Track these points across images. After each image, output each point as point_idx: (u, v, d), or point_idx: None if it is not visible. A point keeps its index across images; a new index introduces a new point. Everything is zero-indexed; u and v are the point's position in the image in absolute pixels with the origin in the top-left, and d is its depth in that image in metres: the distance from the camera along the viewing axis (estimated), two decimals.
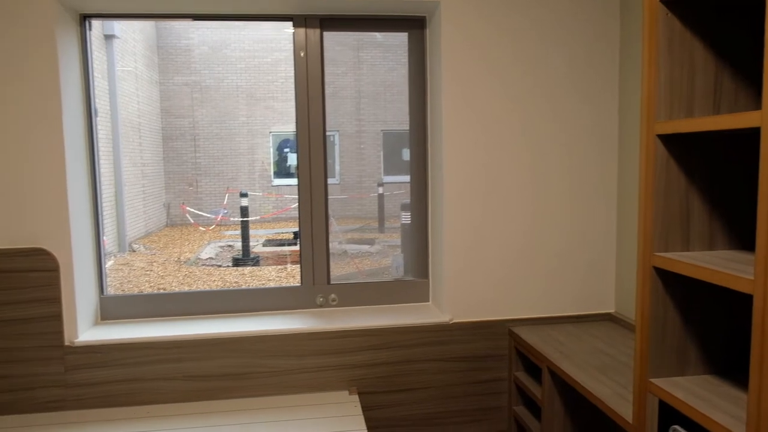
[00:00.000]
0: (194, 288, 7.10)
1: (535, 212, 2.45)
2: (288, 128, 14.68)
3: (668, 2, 1.44)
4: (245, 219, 9.18)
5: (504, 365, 2.48)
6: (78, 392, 2.24)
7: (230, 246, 10.43)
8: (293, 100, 14.57)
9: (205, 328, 2.33)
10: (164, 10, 2.34)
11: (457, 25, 2.32)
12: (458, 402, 2.46)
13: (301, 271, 2.56)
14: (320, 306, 2.57)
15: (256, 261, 8.88)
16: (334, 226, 11.15)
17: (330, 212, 2.58)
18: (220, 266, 8.66)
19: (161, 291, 2.72)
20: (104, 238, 2.41)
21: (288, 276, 7.82)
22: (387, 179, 14.33)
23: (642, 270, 1.52)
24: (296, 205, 14.45)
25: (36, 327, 2.20)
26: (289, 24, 2.46)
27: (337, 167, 13.82)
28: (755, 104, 1.47)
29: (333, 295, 2.57)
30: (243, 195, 9.47)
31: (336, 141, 13.98)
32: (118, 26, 10.24)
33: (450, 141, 2.36)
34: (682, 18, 1.44)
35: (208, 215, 13.20)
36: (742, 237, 1.52)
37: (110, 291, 2.11)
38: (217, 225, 12.93)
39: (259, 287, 2.56)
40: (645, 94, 1.48)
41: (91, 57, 2.40)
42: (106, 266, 2.45)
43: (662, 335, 1.51)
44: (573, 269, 2.50)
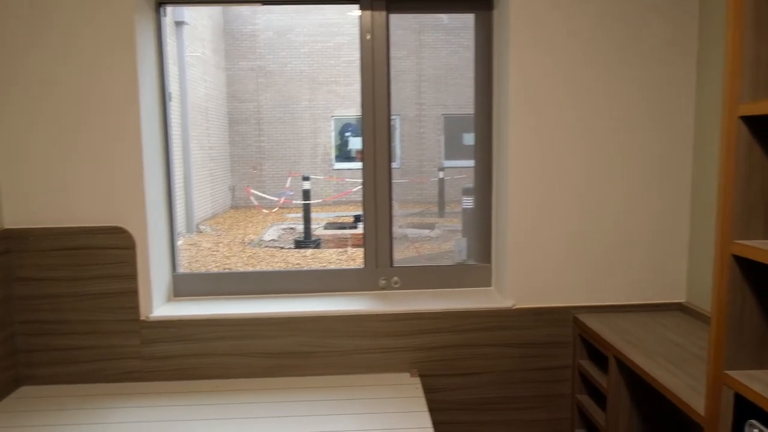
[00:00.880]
0: (251, 268, 7.29)
1: (602, 197, 2.39)
2: (350, 112, 14.78)
3: None
4: (307, 202, 9.33)
5: (567, 353, 2.44)
6: (153, 364, 2.35)
7: (292, 228, 10.64)
8: (355, 85, 14.63)
9: (272, 307, 2.40)
10: None
11: (525, 5, 2.28)
12: (518, 388, 2.45)
13: (365, 254, 2.59)
14: (383, 288, 2.59)
15: (317, 243, 9.02)
16: (396, 210, 11.19)
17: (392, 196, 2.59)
18: (283, 248, 8.85)
19: (229, 270, 2.80)
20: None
21: (348, 259, 7.91)
22: (447, 164, 14.24)
23: (720, 258, 1.46)
24: (357, 189, 14.53)
25: (115, 301, 2.31)
26: (355, 7, 2.47)
27: (398, 151, 13.83)
28: None
29: (395, 278, 2.59)
30: (305, 178, 9.62)
31: (397, 125, 13.99)
32: (188, 13, 10.52)
33: (516, 126, 2.33)
34: None
35: (273, 198, 13.48)
36: None
37: (181, 269, 2.22)
38: (280, 208, 13.20)
39: (324, 268, 2.61)
40: (728, 74, 1.42)
41: (166, 43, 2.48)
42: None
43: (739, 326, 1.45)
44: (642, 256, 2.43)
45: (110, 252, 2.29)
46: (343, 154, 14.92)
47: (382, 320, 2.37)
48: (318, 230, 9.81)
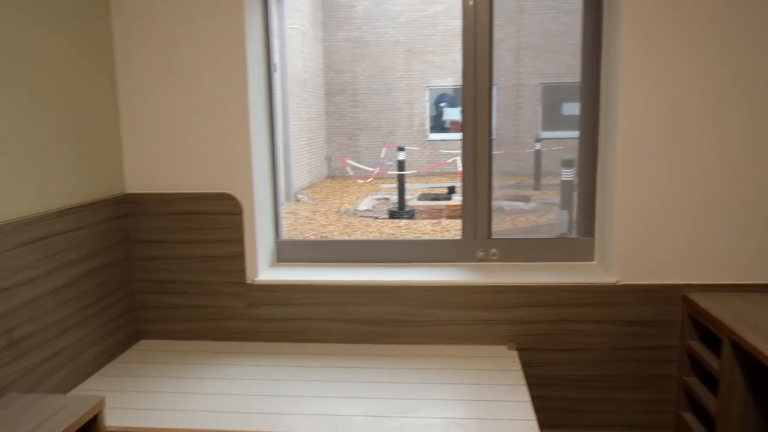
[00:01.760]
0: (349, 237, 7.44)
1: (718, 170, 2.23)
2: (445, 82, 14.59)
3: None
4: (401, 173, 9.36)
5: (674, 332, 2.33)
6: (258, 326, 2.46)
7: (386, 199, 10.74)
8: (452, 54, 14.40)
9: (370, 276, 2.44)
10: None
11: None
12: (620, 366, 2.36)
13: (463, 225, 2.57)
14: (480, 260, 2.57)
15: (411, 214, 9.06)
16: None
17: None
18: (377, 218, 8.97)
19: (329, 238, 2.86)
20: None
21: (442, 230, 7.90)
22: (545, 135, 13.80)
23: None
24: (452, 160, 14.36)
25: (223, 264, 2.43)
26: None
27: (494, 122, 13.55)
28: None
29: (493, 250, 2.56)
30: (400, 149, 9.64)
31: (493, 95, 13.70)
32: None
33: (627, 93, 2.21)
34: None
35: (368, 168, 13.64)
36: None
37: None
38: (374, 178, 13.34)
39: (422, 238, 2.61)
40: None
41: (272, 15, 2.53)
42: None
43: None
44: (761, 232, 2.25)
45: (219, 217, 2.41)
46: (438, 125, 14.80)
47: (480, 292, 2.35)
48: (412, 201, 9.84)
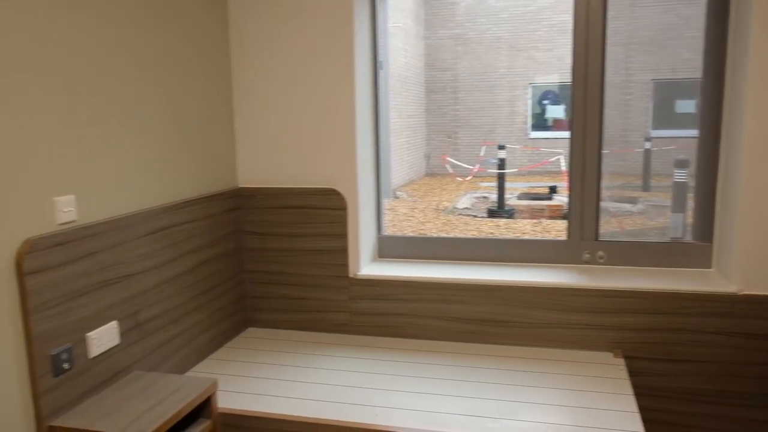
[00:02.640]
0: (450, 234, 7.41)
1: None
2: (549, 79, 14.20)
3: None
4: (501, 171, 9.21)
5: None
6: (359, 319, 2.51)
7: (485, 197, 10.61)
8: (556, 50, 13.99)
9: (471, 274, 2.42)
10: None
11: None
12: (739, 382, 2.21)
13: (569, 226, 2.49)
14: (586, 262, 2.48)
15: (511, 213, 8.90)
16: None
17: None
18: (476, 216, 8.88)
19: (431, 235, 2.87)
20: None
21: (543, 230, 7.70)
22: (655, 133, 13.10)
23: None
24: (554, 159, 13.94)
25: (328, 258, 2.50)
26: None
27: None
28: None
29: (600, 252, 2.46)
30: (501, 147, 9.48)
31: None
32: None
33: (755, 93, 2.05)
34: None
35: (467, 166, 13.53)
36: None
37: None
38: (473, 176, 13.21)
39: (525, 238, 2.56)
40: None
41: (379, 12, 2.57)
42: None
43: None
44: None
45: (325, 212, 2.47)
46: (540, 123, 14.43)
47: (585, 295, 2.28)
48: (511, 200, 9.66)
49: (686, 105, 13.19)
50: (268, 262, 2.57)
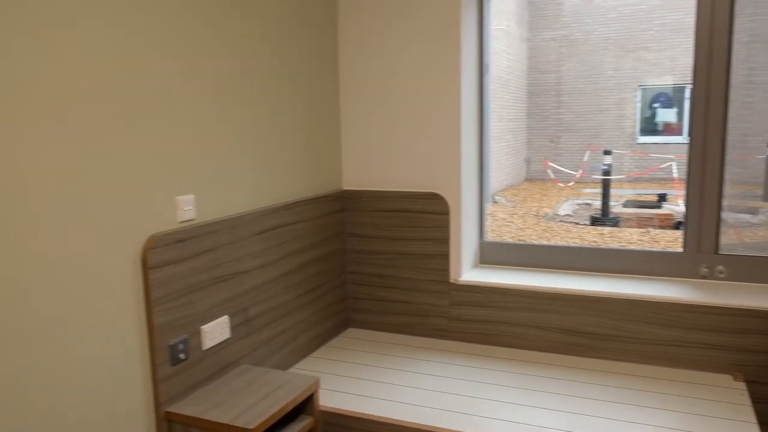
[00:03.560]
0: (552, 242, 7.20)
1: None
2: (660, 81, 13.48)
3: None
4: (606, 177, 8.85)
5: None
6: (459, 325, 2.49)
7: (587, 204, 10.23)
8: (668, 50, 13.26)
9: (575, 284, 2.34)
10: None
11: None
12: None
13: (685, 237, 2.35)
14: (703, 277, 2.33)
15: (616, 222, 8.52)
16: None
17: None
18: (578, 224, 8.58)
19: (533, 242, 2.81)
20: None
21: (651, 241, 7.32)
22: None
23: None
24: (665, 165, 13.20)
25: (429, 263, 2.50)
26: None
27: None
28: None
29: (720, 267, 2.30)
30: (606, 152, 9.10)
31: None
32: None
33: None
34: None
35: (570, 171, 13.12)
36: None
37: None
38: (576, 182, 12.78)
39: (635, 249, 2.44)
40: None
41: (486, 15, 2.54)
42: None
43: None
44: None
45: (427, 216, 2.47)
46: (649, 128, 13.72)
47: (703, 312, 2.13)
48: (616, 207, 9.26)
49: None
50: (370, 265, 2.61)
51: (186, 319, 1.79)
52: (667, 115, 13.58)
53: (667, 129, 13.60)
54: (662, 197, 9.82)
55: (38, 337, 1.40)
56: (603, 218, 8.59)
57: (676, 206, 9.32)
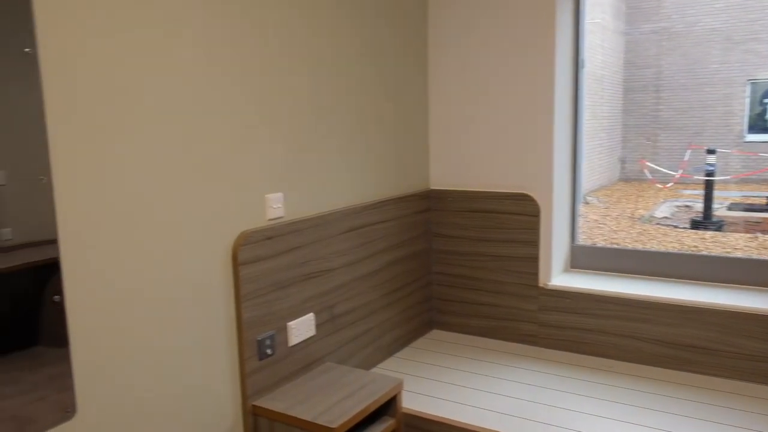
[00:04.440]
0: (648, 247, 6.85)
1: None
2: None
3: None
4: (710, 178, 8.32)
5: None
6: (548, 332, 2.40)
7: (687, 206, 9.67)
8: None
9: (675, 293, 2.19)
10: None
11: None
12: None
13: None
14: None
15: (719, 226, 7.99)
16: None
17: None
18: (677, 227, 8.12)
19: (629, 247, 2.67)
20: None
21: (759, 247, 6.81)
22: None
23: None
24: None
25: (517, 265, 2.43)
26: None
27: None
28: None
29: None
30: (710, 152, 8.56)
31: None
32: None
33: None
34: None
35: (670, 172, 12.46)
36: None
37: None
38: (675, 183, 12.12)
39: (741, 256, 2.26)
40: None
41: (582, 8, 2.43)
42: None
43: None
44: None
45: (516, 218, 2.40)
46: (760, 125, 12.78)
47: None
48: (720, 210, 8.69)
49: None
50: (456, 265, 2.56)
51: (273, 315, 1.82)
52: None
53: None
54: None
55: (140, 325, 1.47)
56: (705, 222, 8.09)
57: None
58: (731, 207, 9.11)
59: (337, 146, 2.05)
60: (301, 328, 1.92)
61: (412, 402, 2.00)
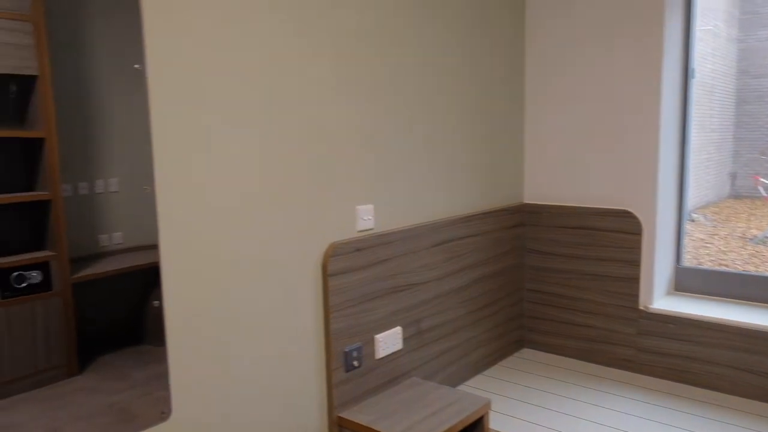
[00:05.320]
0: (761, 271, 6.34)
1: None
2: None
3: None
4: None
5: None
6: (647, 358, 2.26)
7: None
8: None
9: None
10: None
11: None
12: None
13: None
14: None
15: None
16: None
17: None
18: None
19: (740, 271, 2.47)
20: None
21: None
22: None
23: None
24: None
25: (615, 286, 2.30)
26: None
27: None
28: None
29: None
30: None
31: None
32: None
33: None
34: None
35: None
36: None
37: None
38: None
39: None
40: None
41: (693, 15, 2.28)
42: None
43: None
44: None
45: (617, 236, 2.28)
46: None
47: None
48: None
49: None
50: (550, 283, 2.47)
51: (361, 327, 1.81)
52: None
53: None
54: None
55: (232, 334, 1.50)
56: None
57: None
58: None
59: (429, 158, 2.03)
60: (388, 342, 1.90)
61: (500, 423, 1.93)
